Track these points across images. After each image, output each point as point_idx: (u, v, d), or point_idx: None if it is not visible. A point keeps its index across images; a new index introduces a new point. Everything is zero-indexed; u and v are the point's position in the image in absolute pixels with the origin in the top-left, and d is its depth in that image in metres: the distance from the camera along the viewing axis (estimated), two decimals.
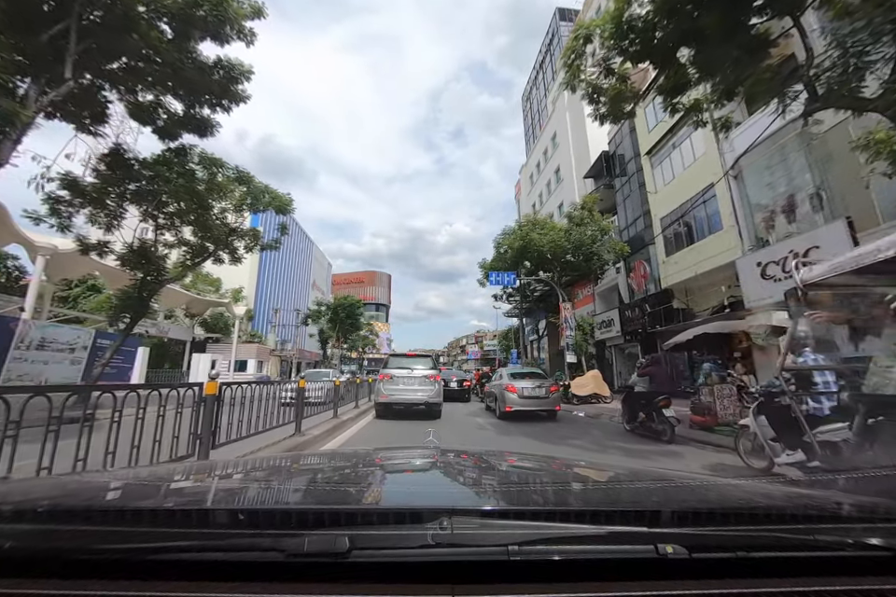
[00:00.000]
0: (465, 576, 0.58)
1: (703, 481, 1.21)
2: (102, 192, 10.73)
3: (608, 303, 19.77)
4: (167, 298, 25.15)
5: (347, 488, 1.09)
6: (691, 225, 13.15)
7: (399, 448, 3.07)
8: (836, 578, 0.60)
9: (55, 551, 0.61)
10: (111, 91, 9.80)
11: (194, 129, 9.74)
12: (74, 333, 15.05)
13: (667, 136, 14.10)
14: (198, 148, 10.60)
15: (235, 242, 13.37)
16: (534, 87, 57.45)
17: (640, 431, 7.30)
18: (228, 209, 12.69)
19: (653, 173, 15.05)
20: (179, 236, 12.44)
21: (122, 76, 9.29)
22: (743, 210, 10.95)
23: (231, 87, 9.50)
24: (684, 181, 13.24)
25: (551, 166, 27.45)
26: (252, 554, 0.62)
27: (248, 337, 32.76)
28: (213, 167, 11.54)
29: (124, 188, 10.96)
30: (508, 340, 36.97)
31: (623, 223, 17.10)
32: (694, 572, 0.61)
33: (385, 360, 10.53)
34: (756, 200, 10.75)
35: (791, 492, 1.14)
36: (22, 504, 0.79)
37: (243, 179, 11.97)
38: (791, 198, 9.79)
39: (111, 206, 11.19)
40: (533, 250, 16.05)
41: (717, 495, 1.07)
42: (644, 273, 15.60)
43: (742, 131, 11.15)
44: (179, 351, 27.99)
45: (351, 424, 7.77)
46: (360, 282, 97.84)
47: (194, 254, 12.21)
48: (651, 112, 15.19)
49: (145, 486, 1.09)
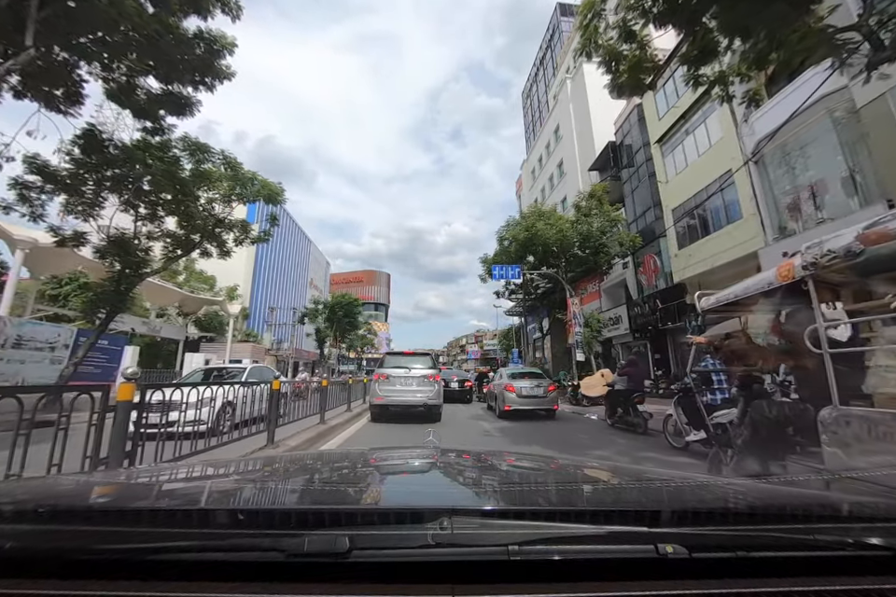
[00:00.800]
0: (465, 576, 0.58)
1: (703, 481, 1.21)
2: (77, 179, 10.00)
3: (614, 300, 19.06)
4: (159, 296, 24.49)
5: (347, 488, 1.09)
6: (706, 215, 12.41)
7: (399, 448, 3.00)
8: (836, 578, 0.60)
9: (55, 551, 0.61)
10: (86, 69, 9.07)
11: (172, 107, 8.95)
12: (54, 331, 14.30)
13: (680, 122, 13.36)
14: (177, 129, 9.78)
15: (223, 233, 12.65)
16: (534, 84, 56.83)
17: (619, 424, 8.17)
18: (215, 199, 11.96)
19: (664, 161, 14.32)
20: (163, 227, 11.70)
21: (95, 52, 8.55)
22: (765, 197, 10.21)
23: (213, 62, 8.75)
24: (699, 169, 12.50)
25: (553, 160, 26.72)
26: (252, 554, 0.62)
27: (243, 336, 32.03)
28: (197, 152, 10.82)
29: (101, 175, 10.24)
30: (508, 340, 36.23)
31: (632, 215, 16.34)
32: (694, 572, 0.60)
33: (381, 359, 9.77)
34: (779, 186, 10.02)
35: (790, 492, 1.14)
36: (22, 504, 0.79)
37: (229, 165, 11.23)
38: (820, 182, 9.06)
39: (88, 194, 10.47)
40: (538, 243, 15.25)
41: (717, 495, 1.07)
42: (654, 268, 14.86)
43: (763, 113, 10.42)
44: (172, 350, 27.29)
45: (340, 430, 6.96)
46: (359, 281, 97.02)
47: (178, 245, 11.45)
48: (661, 98, 14.47)
49: (145, 486, 1.09)
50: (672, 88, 13.96)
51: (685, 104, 13.03)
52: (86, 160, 9.75)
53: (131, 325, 19.84)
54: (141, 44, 8.28)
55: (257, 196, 12.29)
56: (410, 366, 8.90)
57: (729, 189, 11.26)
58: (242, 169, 11.73)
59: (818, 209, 9.05)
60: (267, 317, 36.05)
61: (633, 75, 6.77)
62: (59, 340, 13.51)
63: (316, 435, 5.64)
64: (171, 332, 26.47)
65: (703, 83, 7.67)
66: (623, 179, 17.35)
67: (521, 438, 6.89)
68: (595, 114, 20.99)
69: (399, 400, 8.45)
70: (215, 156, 10.93)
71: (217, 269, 30.82)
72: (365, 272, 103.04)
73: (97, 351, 15.72)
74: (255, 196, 12.26)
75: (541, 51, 55.93)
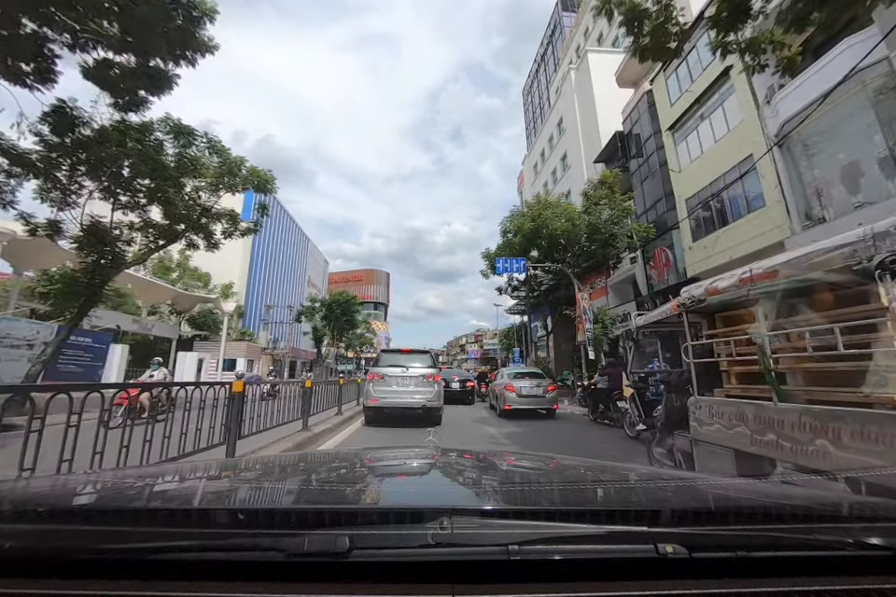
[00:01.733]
0: (465, 576, 0.58)
1: (703, 481, 1.21)
2: (49, 162, 9.26)
3: (621, 297, 18.33)
4: (151, 294, 23.74)
5: (347, 487, 1.08)
6: (724, 204, 11.67)
7: (399, 447, 2.88)
8: (836, 578, 0.60)
9: (55, 551, 0.61)
10: (56, 42, 8.33)
11: (146, 82, 8.19)
12: (32, 327, 13.56)
13: (694, 107, 12.63)
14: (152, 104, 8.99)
15: (210, 224, 11.91)
16: (535, 80, 56.23)
17: (601, 419, 8.87)
18: (202, 187, 11.22)
19: (677, 149, 13.58)
20: (145, 217, 10.96)
21: (63, 20, 7.81)
22: (791, 182, 9.48)
23: (194, 31, 8.00)
24: (715, 155, 11.77)
25: (557, 153, 25.99)
26: (252, 554, 0.62)
27: (239, 335, 31.27)
28: (181, 136, 10.07)
29: (77, 158, 9.51)
30: (510, 339, 35.42)
31: (641, 208, 15.58)
32: (694, 572, 0.60)
33: (376, 357, 9.00)
34: (807, 169, 9.28)
35: (790, 492, 1.15)
36: (22, 504, 0.79)
37: (214, 150, 10.49)
38: (853, 164, 8.33)
39: (62, 180, 9.73)
40: (544, 236, 14.48)
41: (717, 495, 1.06)
42: (666, 262, 14.11)
43: (787, 93, 9.71)
44: (165, 349, 26.59)
45: (328, 437, 6.19)
46: (359, 280, 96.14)
47: (160, 235, 10.70)
48: (673, 83, 13.74)
49: (145, 486, 1.08)
50: (685, 71, 13.25)
51: (700, 88, 12.30)
52: (58, 142, 9.02)
53: (116, 321, 19.02)
54: (114, 13, 7.56)
55: (245, 184, 11.56)
56: (407, 364, 8.12)
57: (750, 175, 10.53)
58: (229, 155, 11.00)
59: (852, 194, 8.33)
60: (263, 316, 35.28)
61: (657, 37, 6.05)
62: (38, 338, 12.77)
63: (294, 445, 4.81)
64: (163, 330, 25.79)
65: (731, 51, 6.95)
66: (632, 170, 16.60)
67: (527, 443, 6.76)
68: (601, 104, 20.28)
69: (395, 402, 7.69)
70: (199, 139, 10.18)
71: (212, 266, 30.09)
72: (364, 271, 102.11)
73: (80, 349, 14.99)
74: (243, 184, 11.54)
75: (542, 47, 55.34)
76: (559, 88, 27.38)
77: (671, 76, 13.93)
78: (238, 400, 3.71)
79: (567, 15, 49.63)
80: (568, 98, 24.07)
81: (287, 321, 34.29)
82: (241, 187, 11.63)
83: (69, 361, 14.35)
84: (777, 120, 9.67)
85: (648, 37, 6.02)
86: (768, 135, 9.95)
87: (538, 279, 19.70)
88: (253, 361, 29.09)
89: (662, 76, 14.40)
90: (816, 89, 8.77)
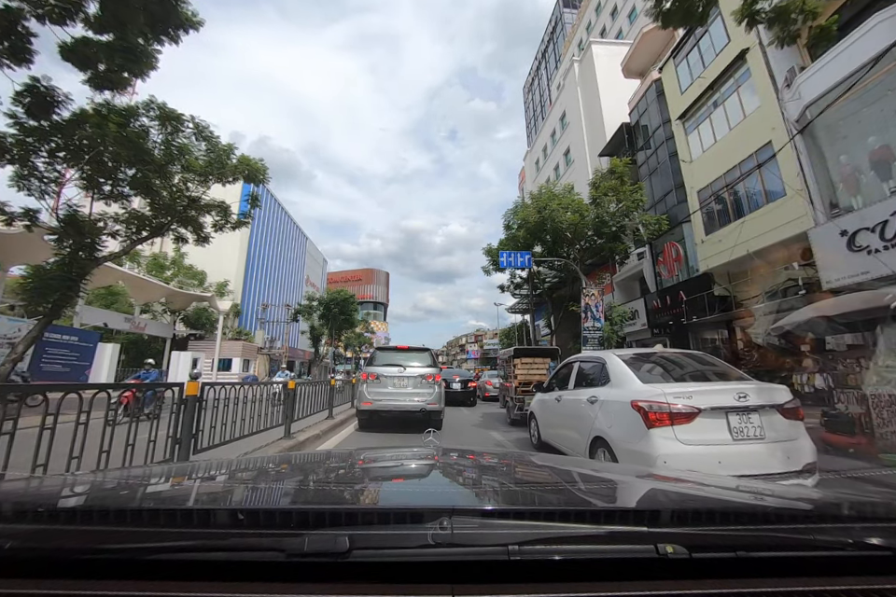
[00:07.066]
0: (465, 576, 0.58)
1: (702, 481, 1.19)
2: (25, 147, 8.69)
3: (628, 294, 17.74)
4: (144, 292, 23.14)
5: (347, 488, 1.08)
6: (739, 195, 11.08)
7: (399, 448, 2.83)
8: (836, 578, 0.59)
9: (55, 551, 0.60)
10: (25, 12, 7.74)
11: (124, 58, 7.60)
12: (12, 325, 13.02)
13: (707, 94, 12.03)
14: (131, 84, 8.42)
15: (199, 216, 11.31)
16: (536, 77, 55.72)
17: None
18: (190, 179, 10.62)
19: (688, 139, 12.98)
20: (128, 207, 10.38)
21: None
22: (814, 169, 8.88)
23: (175, 3, 7.42)
24: (730, 143, 11.18)
25: (559, 148, 25.40)
26: (253, 554, 0.61)
27: (234, 334, 30.67)
28: (167, 121, 9.48)
29: (55, 144, 8.93)
30: (510, 339, 34.80)
31: (650, 201, 14.98)
32: (694, 572, 0.60)
33: (371, 355, 8.33)
34: (833, 155, 8.70)
35: (790, 492, 1.16)
36: (23, 504, 0.77)
37: (202, 136, 9.91)
38: (886, 148, 7.75)
39: (40, 166, 9.15)
40: (549, 229, 13.86)
41: (717, 495, 1.05)
42: (676, 257, 13.52)
43: (810, 74, 9.13)
44: (159, 348, 26.00)
45: (316, 444, 5.58)
46: (358, 279, 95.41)
47: (143, 226, 10.10)
48: (684, 70, 13.15)
49: (145, 486, 1.07)
50: (696, 57, 12.67)
51: (713, 74, 11.72)
52: (35, 126, 8.45)
53: (105, 319, 18.38)
54: None
55: (235, 173, 10.98)
56: (405, 363, 7.43)
57: (769, 164, 9.94)
58: (218, 142, 10.42)
59: (883, 180, 7.75)
60: (260, 314, 34.64)
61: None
62: (19, 335, 12.25)
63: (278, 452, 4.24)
64: (157, 329, 25.21)
65: (760, 21, 6.39)
66: (639, 162, 16.01)
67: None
68: (606, 96, 19.70)
69: (391, 405, 7.05)
70: (185, 124, 9.60)
71: (208, 264, 29.48)
72: (363, 271, 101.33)
73: (65, 348, 14.41)
74: (233, 173, 10.96)
75: (543, 44, 54.84)
76: (561, 82, 26.81)
77: (681, 63, 13.35)
78: (191, 406, 3.00)
79: (568, 11, 49.19)
80: (572, 92, 23.49)
81: (285, 320, 33.65)
82: (231, 176, 11.04)
83: (53, 360, 13.78)
84: (800, 104, 9.08)
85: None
86: (789, 120, 9.36)
87: (541, 276, 19.10)
88: (249, 361, 28.49)
89: (671, 64, 13.81)
90: (843, 68, 8.19)
